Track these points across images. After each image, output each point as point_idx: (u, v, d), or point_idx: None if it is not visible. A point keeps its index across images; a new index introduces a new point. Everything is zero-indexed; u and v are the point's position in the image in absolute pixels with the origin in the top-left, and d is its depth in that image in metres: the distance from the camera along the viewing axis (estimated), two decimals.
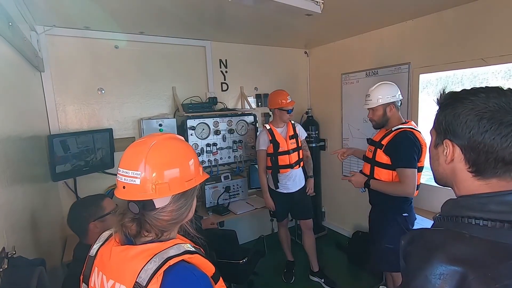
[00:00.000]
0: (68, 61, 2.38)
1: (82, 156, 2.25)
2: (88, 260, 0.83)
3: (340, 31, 2.97)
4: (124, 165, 0.74)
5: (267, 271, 2.96)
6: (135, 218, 0.75)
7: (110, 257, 0.75)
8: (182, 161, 0.79)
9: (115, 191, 0.77)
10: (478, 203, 0.60)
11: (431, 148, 0.74)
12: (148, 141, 0.76)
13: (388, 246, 1.88)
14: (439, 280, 0.53)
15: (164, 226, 0.77)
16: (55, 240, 2.09)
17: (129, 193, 0.73)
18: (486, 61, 2.13)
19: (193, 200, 0.83)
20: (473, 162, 0.62)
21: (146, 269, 0.67)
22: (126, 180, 0.73)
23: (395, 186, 1.84)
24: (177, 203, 0.77)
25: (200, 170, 0.83)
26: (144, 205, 0.74)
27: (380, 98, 1.91)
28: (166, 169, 0.74)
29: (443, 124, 0.66)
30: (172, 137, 0.82)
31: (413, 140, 1.80)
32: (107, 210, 1.42)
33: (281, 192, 2.72)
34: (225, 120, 2.94)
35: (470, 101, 0.61)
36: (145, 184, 0.72)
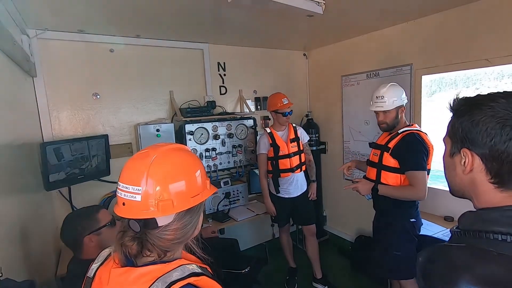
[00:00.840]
0: (62, 65, 2.30)
1: (76, 164, 2.17)
2: (85, 282, 0.77)
3: (340, 33, 2.93)
4: (124, 180, 0.68)
5: (268, 279, 2.88)
6: (136, 236, 0.69)
7: (108, 281, 0.68)
8: (188, 173, 0.72)
9: (115, 208, 0.71)
10: (504, 216, 0.55)
11: (446, 157, 0.69)
12: (150, 153, 0.70)
13: (396, 253, 1.82)
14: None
15: (167, 246, 0.70)
16: (48, 252, 2.00)
17: (130, 210, 0.67)
18: (490, 62, 2.09)
19: (199, 216, 0.76)
20: (495, 172, 0.58)
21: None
22: (126, 196, 0.67)
23: (405, 190, 1.77)
24: (182, 220, 0.71)
25: (207, 183, 0.77)
26: (146, 223, 0.67)
27: (395, 100, 1.86)
28: (171, 182, 0.68)
29: (460, 132, 0.62)
30: (176, 148, 0.75)
31: (421, 142, 1.76)
32: (102, 222, 1.34)
33: (282, 196, 2.66)
34: (224, 124, 2.87)
35: (489, 108, 0.57)
36: (147, 201, 0.66)
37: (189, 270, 0.67)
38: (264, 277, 2.78)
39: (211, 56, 2.99)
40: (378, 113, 1.94)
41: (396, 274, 1.92)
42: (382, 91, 1.92)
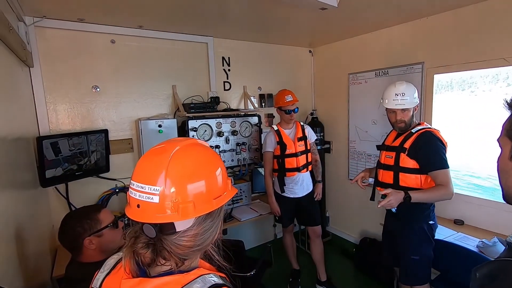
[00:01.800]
0: (60, 55, 2.19)
1: (74, 160, 2.06)
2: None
3: (350, 29, 2.84)
4: (139, 178, 0.59)
5: (271, 280, 2.80)
6: (150, 243, 0.61)
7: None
8: (209, 172, 0.64)
9: (126, 210, 0.62)
10: None
11: (504, 160, 0.61)
12: (168, 148, 0.61)
13: (414, 258, 1.75)
14: None
15: (185, 254, 0.62)
16: (44, 252, 1.90)
17: (145, 213, 0.58)
18: (508, 61, 2.02)
19: (220, 221, 0.68)
20: None
21: None
22: (141, 197, 0.58)
23: (438, 192, 1.65)
24: (202, 225, 0.63)
25: (228, 183, 0.68)
26: (162, 228, 0.59)
27: (415, 97, 1.79)
28: (190, 182, 0.60)
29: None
30: (196, 143, 0.67)
31: (439, 140, 1.69)
32: (104, 223, 1.24)
33: (287, 196, 2.58)
34: (228, 121, 2.78)
35: None
36: (164, 203, 0.57)
37: (210, 281, 0.59)
38: (267, 277, 2.71)
39: (215, 50, 2.89)
40: (396, 111, 1.82)
41: (412, 279, 1.83)
42: (401, 87, 1.81)
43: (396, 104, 1.81)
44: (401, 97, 1.79)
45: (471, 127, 3.09)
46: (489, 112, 2.84)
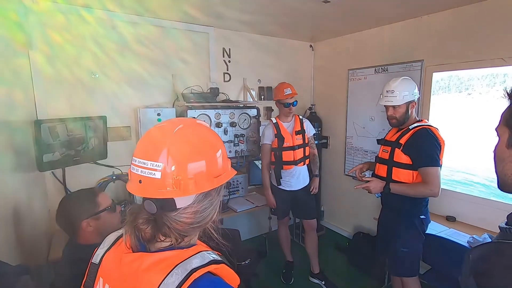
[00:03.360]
0: (59, 40, 2.16)
1: (72, 145, 2.06)
2: (90, 268, 0.69)
3: (351, 24, 2.84)
4: (142, 155, 0.60)
5: (265, 272, 2.84)
6: (150, 219, 0.62)
7: (119, 266, 0.61)
8: (210, 153, 0.65)
9: (128, 186, 0.63)
10: None
11: (501, 148, 0.64)
12: (170, 126, 0.63)
13: (403, 250, 1.79)
14: None
15: (185, 230, 0.63)
16: (40, 236, 1.91)
17: (147, 189, 0.59)
18: (506, 61, 2.04)
19: (219, 200, 0.70)
20: None
21: (167, 283, 0.54)
22: (143, 172, 0.59)
23: (419, 187, 1.72)
24: (202, 203, 0.64)
25: (228, 164, 0.70)
26: (163, 205, 0.60)
27: (406, 95, 1.80)
28: (191, 161, 0.61)
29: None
30: (197, 123, 0.68)
31: (434, 138, 1.71)
32: (102, 206, 1.25)
33: (283, 189, 2.60)
34: (227, 113, 2.78)
35: None
36: (166, 179, 0.58)
37: (209, 257, 0.61)
38: (261, 269, 2.75)
39: (216, 41, 2.88)
40: (388, 107, 1.88)
41: (400, 271, 1.89)
42: (393, 85, 1.86)
43: (386, 100, 1.86)
44: (390, 94, 1.83)
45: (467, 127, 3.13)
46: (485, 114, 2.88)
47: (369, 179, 1.86)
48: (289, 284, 2.75)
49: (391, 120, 1.88)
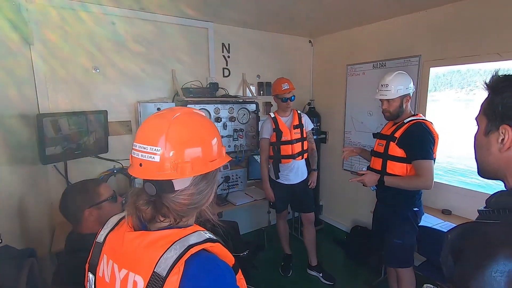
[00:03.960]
0: (61, 35, 2.19)
1: (74, 139, 2.09)
2: (94, 247, 0.74)
3: (349, 20, 2.86)
4: (142, 140, 0.65)
5: (264, 264, 2.89)
6: (150, 200, 0.67)
7: (122, 244, 0.66)
8: (205, 139, 0.69)
9: (129, 169, 0.68)
10: None
11: (479, 136, 0.67)
12: (168, 114, 0.67)
13: (397, 241, 1.83)
14: (506, 277, 0.48)
15: (183, 211, 0.68)
16: (43, 228, 1.95)
17: (147, 171, 0.64)
18: (502, 56, 2.07)
19: (214, 183, 0.75)
20: None
21: (166, 257, 0.59)
22: (143, 156, 0.64)
23: (412, 180, 1.76)
24: (199, 185, 0.69)
25: (223, 151, 0.74)
26: (162, 187, 0.65)
27: (400, 89, 1.83)
28: (188, 147, 0.65)
29: (500, 108, 0.60)
30: (194, 112, 0.72)
31: (428, 131, 1.74)
32: (104, 196, 1.29)
33: (281, 183, 2.64)
34: (226, 107, 2.81)
35: None
36: (164, 162, 0.63)
37: (205, 236, 0.66)
38: (260, 262, 2.80)
39: (216, 36, 2.90)
40: (382, 101, 1.92)
41: (395, 262, 1.93)
42: (387, 79, 1.89)
43: (380, 94, 1.90)
44: (385, 88, 1.87)
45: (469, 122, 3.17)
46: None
47: (364, 172, 1.90)
48: (288, 277, 2.80)
49: (385, 114, 1.92)
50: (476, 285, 0.50)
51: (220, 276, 0.62)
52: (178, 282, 0.58)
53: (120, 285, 0.64)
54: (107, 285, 0.67)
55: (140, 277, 0.60)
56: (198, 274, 0.60)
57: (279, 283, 2.72)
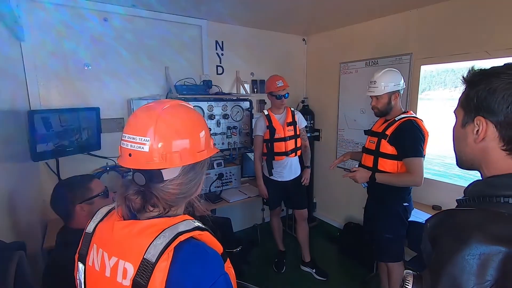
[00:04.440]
0: (52, 31, 2.17)
1: (66, 136, 2.08)
2: (84, 237, 0.74)
3: (342, 18, 2.88)
4: (131, 131, 0.66)
5: (258, 261, 2.91)
6: (140, 190, 0.68)
7: (112, 232, 0.67)
8: (193, 132, 0.70)
9: (119, 160, 0.69)
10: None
11: (457, 128, 0.70)
12: (157, 106, 0.68)
13: (387, 236, 1.86)
14: (478, 260, 0.50)
15: (172, 200, 0.69)
16: (34, 224, 1.94)
17: (136, 161, 0.65)
18: (490, 54, 2.11)
19: (203, 174, 0.76)
20: (509, 138, 0.59)
21: (155, 244, 0.60)
22: (133, 146, 0.65)
23: (403, 177, 1.79)
24: (187, 175, 0.70)
25: (211, 143, 0.75)
26: (152, 177, 0.66)
27: (387, 86, 1.85)
28: (176, 139, 0.66)
29: (475, 101, 0.63)
30: (182, 105, 0.73)
31: (419, 129, 1.77)
32: (95, 192, 1.29)
33: (275, 179, 2.66)
34: (220, 105, 2.82)
35: (507, 75, 0.58)
36: (153, 152, 0.64)
37: (194, 224, 0.67)
38: (254, 258, 2.81)
39: (209, 34, 2.90)
40: (372, 98, 1.96)
41: (385, 256, 1.97)
42: (375, 76, 1.92)
43: (368, 91, 1.94)
44: (373, 85, 1.90)
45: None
46: None
47: (355, 169, 1.93)
48: (281, 273, 2.82)
49: (374, 110, 1.96)
50: (451, 269, 0.52)
51: (208, 262, 0.64)
52: (168, 268, 0.59)
53: (110, 272, 0.64)
54: (97, 274, 0.68)
55: (130, 264, 0.61)
56: (187, 260, 0.61)
57: (272, 279, 2.74)
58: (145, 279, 0.58)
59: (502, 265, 0.48)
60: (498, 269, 0.49)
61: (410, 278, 0.62)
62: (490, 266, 0.49)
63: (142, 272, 0.59)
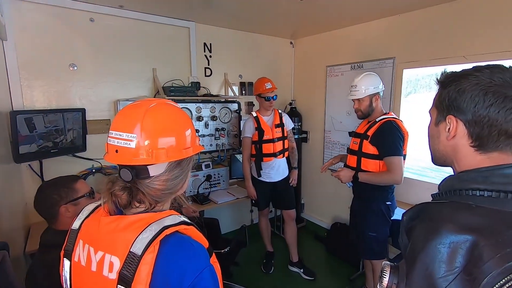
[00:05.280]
0: (36, 30, 2.14)
1: (50, 137, 2.04)
2: (70, 234, 0.74)
3: (328, 22, 2.95)
4: (118, 127, 0.67)
5: (246, 262, 2.92)
6: (126, 186, 0.68)
7: (98, 227, 0.68)
8: (179, 130, 0.72)
9: (105, 156, 0.69)
10: (481, 176, 0.61)
11: (431, 126, 0.74)
12: (144, 104, 0.69)
13: (371, 234, 1.91)
14: (448, 248, 0.53)
15: (158, 196, 0.70)
16: (17, 228, 1.89)
17: (123, 157, 0.66)
18: (467, 59, 2.21)
19: (188, 171, 0.77)
20: (476, 136, 0.63)
21: (142, 238, 0.61)
22: (119, 143, 0.66)
23: (383, 176, 1.86)
24: (173, 172, 0.72)
25: (197, 140, 0.77)
26: (138, 173, 0.67)
27: (367, 89, 1.93)
28: (162, 136, 0.68)
29: (447, 100, 0.67)
30: (169, 103, 0.75)
31: (397, 129, 1.84)
32: (80, 192, 1.27)
33: (263, 180, 2.68)
34: (208, 106, 2.83)
35: (475, 77, 0.62)
36: (140, 149, 0.65)
37: (180, 218, 0.68)
38: (242, 259, 2.82)
39: (197, 36, 2.91)
40: (354, 101, 2.03)
41: (369, 254, 2.02)
42: (356, 80, 2.02)
43: (350, 95, 2.02)
44: (354, 89, 1.99)
45: None
46: None
47: (340, 169, 2.01)
48: (269, 273, 2.84)
49: (357, 113, 2.04)
50: (423, 257, 0.56)
51: (194, 254, 0.65)
52: (154, 260, 0.60)
53: (96, 267, 0.65)
54: (83, 269, 0.68)
55: (116, 257, 0.62)
56: (173, 252, 0.63)
57: (261, 280, 2.76)
58: (131, 271, 0.60)
59: (469, 253, 0.52)
60: (465, 256, 0.52)
61: (388, 268, 0.65)
62: (459, 253, 0.52)
63: (129, 265, 0.60)
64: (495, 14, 2.05)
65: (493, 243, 0.51)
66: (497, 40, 2.04)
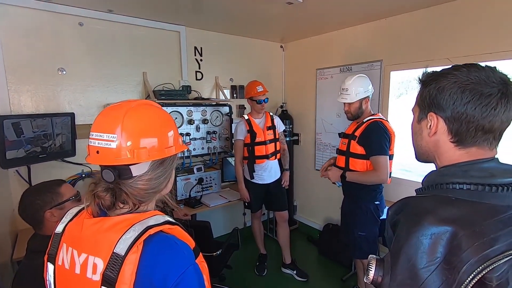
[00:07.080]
0: (24, 35, 2.12)
1: (38, 142, 2.02)
2: (53, 238, 0.74)
3: (317, 26, 3.00)
4: (98, 129, 0.67)
5: (239, 264, 2.91)
6: (109, 187, 0.68)
7: (81, 230, 0.67)
8: (162, 131, 0.72)
9: (87, 158, 0.69)
10: (460, 170, 0.64)
11: (414, 124, 0.77)
12: (124, 105, 0.69)
13: (360, 234, 1.94)
14: (430, 239, 0.56)
15: (141, 196, 0.70)
16: (4, 235, 1.86)
17: (104, 157, 0.66)
18: (451, 61, 2.26)
19: (172, 170, 0.77)
20: (455, 132, 0.66)
21: (125, 238, 0.61)
22: (100, 144, 0.66)
23: (369, 175, 1.89)
24: (156, 171, 0.72)
25: (179, 140, 0.77)
26: (120, 173, 0.67)
27: (358, 93, 1.96)
28: (143, 137, 0.68)
29: (428, 98, 0.70)
30: (150, 103, 0.74)
31: (383, 129, 1.88)
32: (65, 196, 1.26)
33: (256, 183, 2.70)
34: (199, 110, 2.83)
35: (453, 75, 0.65)
36: (121, 149, 0.65)
37: (164, 218, 0.69)
38: (235, 262, 2.81)
39: (188, 40, 2.92)
40: (344, 103, 2.06)
41: (359, 253, 2.04)
42: (347, 83, 2.04)
43: (341, 98, 2.05)
44: (345, 92, 2.01)
45: None
46: None
47: (329, 168, 2.04)
48: (262, 276, 2.84)
49: (347, 115, 2.07)
50: (407, 249, 0.58)
51: (177, 253, 0.65)
52: (137, 260, 0.60)
53: (80, 269, 0.65)
54: (66, 272, 0.68)
55: (99, 259, 0.62)
56: (156, 251, 0.63)
57: (254, 283, 2.75)
58: (115, 272, 0.60)
59: (449, 243, 0.54)
60: (445, 246, 0.55)
61: (374, 261, 0.67)
62: (440, 244, 0.55)
63: (112, 266, 0.60)
64: (476, 17, 2.12)
65: (470, 233, 0.53)
66: (479, 42, 2.11)
